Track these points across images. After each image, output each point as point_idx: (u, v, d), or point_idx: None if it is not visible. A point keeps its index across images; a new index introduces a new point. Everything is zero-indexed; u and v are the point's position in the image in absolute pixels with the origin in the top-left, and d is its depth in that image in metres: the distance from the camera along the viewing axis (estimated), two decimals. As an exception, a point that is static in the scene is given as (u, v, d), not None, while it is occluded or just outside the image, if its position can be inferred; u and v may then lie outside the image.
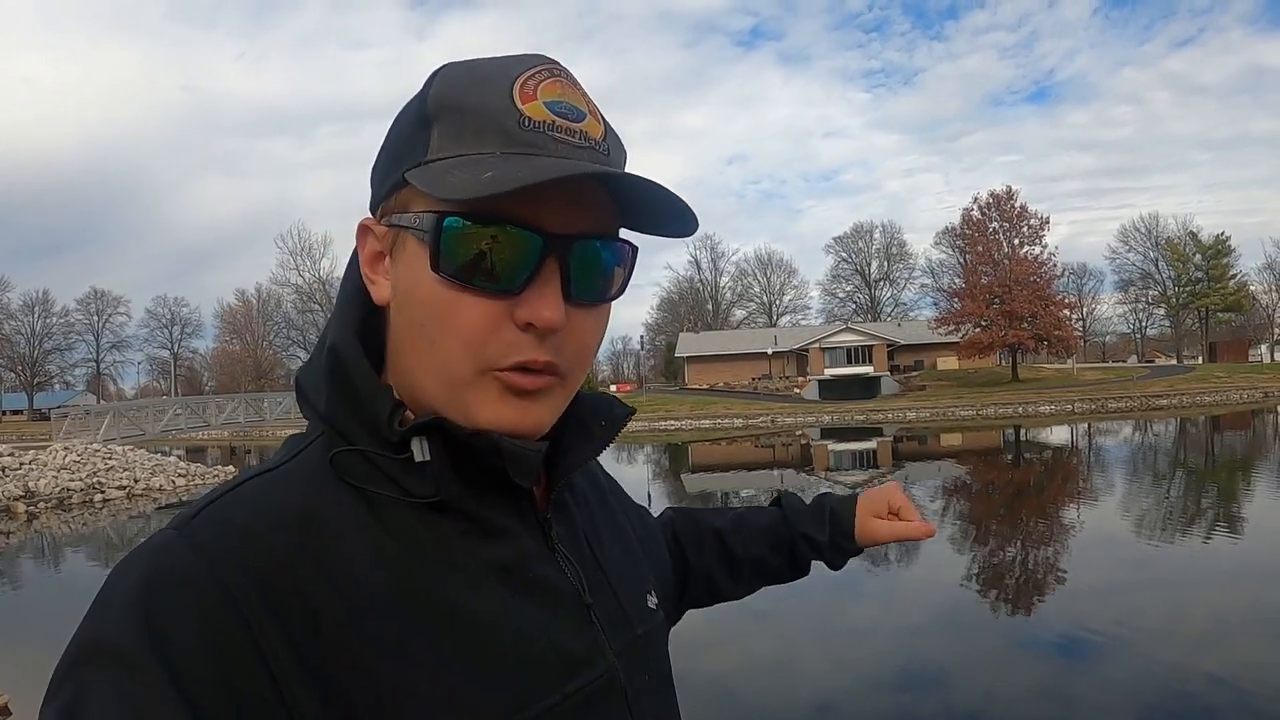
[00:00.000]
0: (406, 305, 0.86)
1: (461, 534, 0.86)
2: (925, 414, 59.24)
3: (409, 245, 0.85)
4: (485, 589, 0.85)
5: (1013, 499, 22.12)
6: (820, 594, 12.65)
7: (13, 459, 28.31)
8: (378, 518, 0.83)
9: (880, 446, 41.70)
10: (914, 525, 1.47)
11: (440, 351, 0.84)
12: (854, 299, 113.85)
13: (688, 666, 9.05)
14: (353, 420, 0.87)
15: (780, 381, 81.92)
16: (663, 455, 44.59)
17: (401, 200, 0.86)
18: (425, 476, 0.84)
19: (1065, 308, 76.12)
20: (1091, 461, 29.85)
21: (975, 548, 15.67)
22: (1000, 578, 13.10)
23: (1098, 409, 53.99)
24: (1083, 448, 35.57)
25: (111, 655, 0.70)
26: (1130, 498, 20.07)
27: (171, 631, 0.70)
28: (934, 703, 7.88)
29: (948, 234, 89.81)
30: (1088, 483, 23.99)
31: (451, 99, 0.85)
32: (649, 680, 1.00)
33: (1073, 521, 17.58)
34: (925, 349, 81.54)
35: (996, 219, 76.08)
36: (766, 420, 62.25)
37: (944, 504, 21.79)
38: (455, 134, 0.84)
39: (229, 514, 0.79)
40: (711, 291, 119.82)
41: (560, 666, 0.87)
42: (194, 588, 0.73)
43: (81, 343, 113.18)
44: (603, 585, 0.99)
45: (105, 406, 48.28)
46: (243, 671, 0.71)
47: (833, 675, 8.88)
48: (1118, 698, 7.61)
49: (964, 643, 9.62)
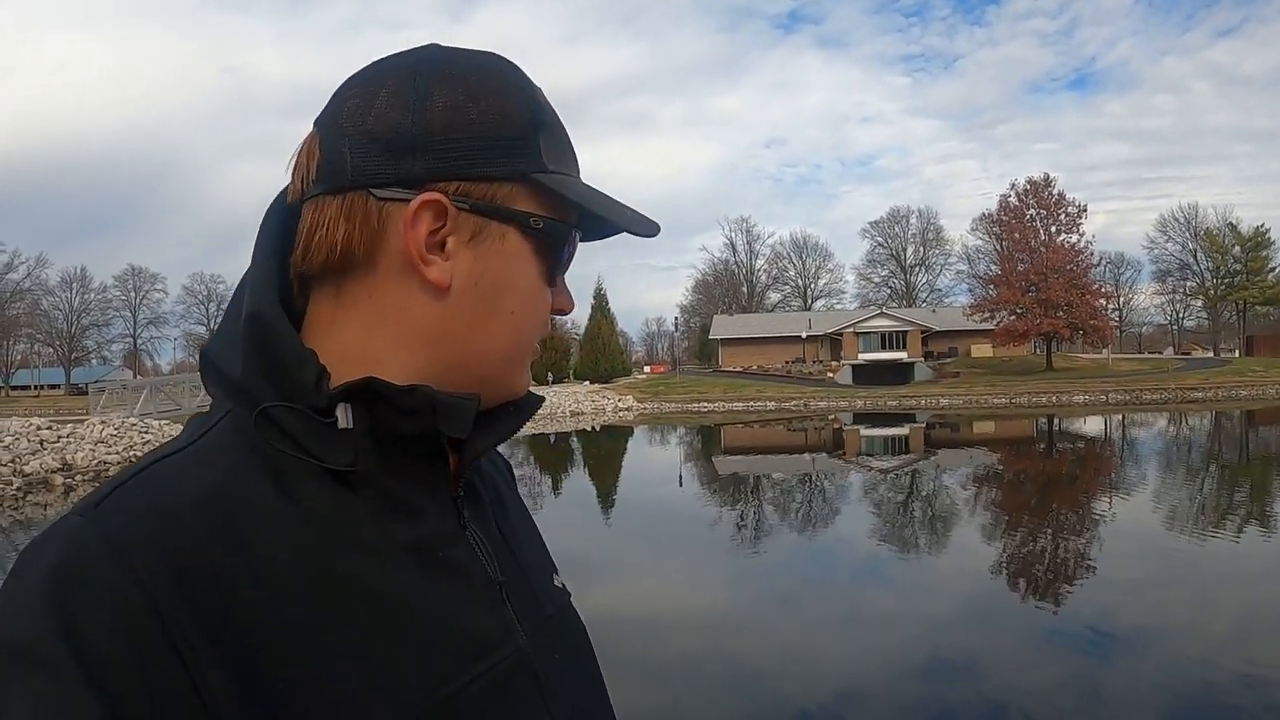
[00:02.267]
0: (494, 295, 0.89)
1: (375, 514, 0.85)
2: (958, 401, 59.00)
3: (509, 237, 0.89)
4: (398, 570, 0.85)
5: (1044, 489, 22.03)
6: (846, 580, 12.68)
7: (50, 432, 28.79)
8: (291, 498, 0.81)
9: (912, 433, 41.71)
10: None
11: (523, 334, 0.92)
12: (889, 284, 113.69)
13: (710, 648, 9.15)
14: (271, 389, 0.84)
15: (813, 365, 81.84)
16: (695, 437, 44.69)
17: (494, 191, 0.87)
18: (344, 445, 0.83)
19: (1101, 297, 75.31)
20: (1125, 453, 29.62)
21: (1005, 538, 15.67)
22: (1029, 568, 13.02)
23: (1132, 400, 53.55)
24: (1116, 439, 35.31)
25: (23, 653, 0.68)
26: (1163, 491, 19.89)
27: (83, 624, 0.69)
28: (960, 692, 7.87)
29: (984, 220, 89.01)
30: (1121, 475, 23.86)
31: (554, 116, 0.92)
32: (559, 659, 0.99)
33: (1104, 513, 17.51)
34: (960, 335, 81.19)
35: (1034, 206, 75.34)
36: (799, 404, 62.30)
37: (975, 492, 21.76)
38: (555, 149, 0.90)
39: (137, 498, 0.77)
40: (746, 274, 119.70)
41: (472, 647, 0.88)
42: (103, 577, 0.71)
43: (119, 319, 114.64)
44: (512, 566, 1.00)
45: (141, 381, 48.72)
46: (157, 661, 0.70)
47: (858, 661, 8.88)
48: (1145, 691, 7.60)
49: (991, 632, 9.64)
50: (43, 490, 23.30)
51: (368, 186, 0.85)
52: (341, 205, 0.85)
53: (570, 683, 1.00)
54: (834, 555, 14.77)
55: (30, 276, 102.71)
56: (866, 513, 19.29)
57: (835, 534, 16.83)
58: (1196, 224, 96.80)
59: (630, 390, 72.64)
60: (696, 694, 8.00)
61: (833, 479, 25.70)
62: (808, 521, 18.56)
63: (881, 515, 18.83)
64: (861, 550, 14.68)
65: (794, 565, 13.96)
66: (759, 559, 14.67)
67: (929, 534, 16.26)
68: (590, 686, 1.06)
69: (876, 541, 15.52)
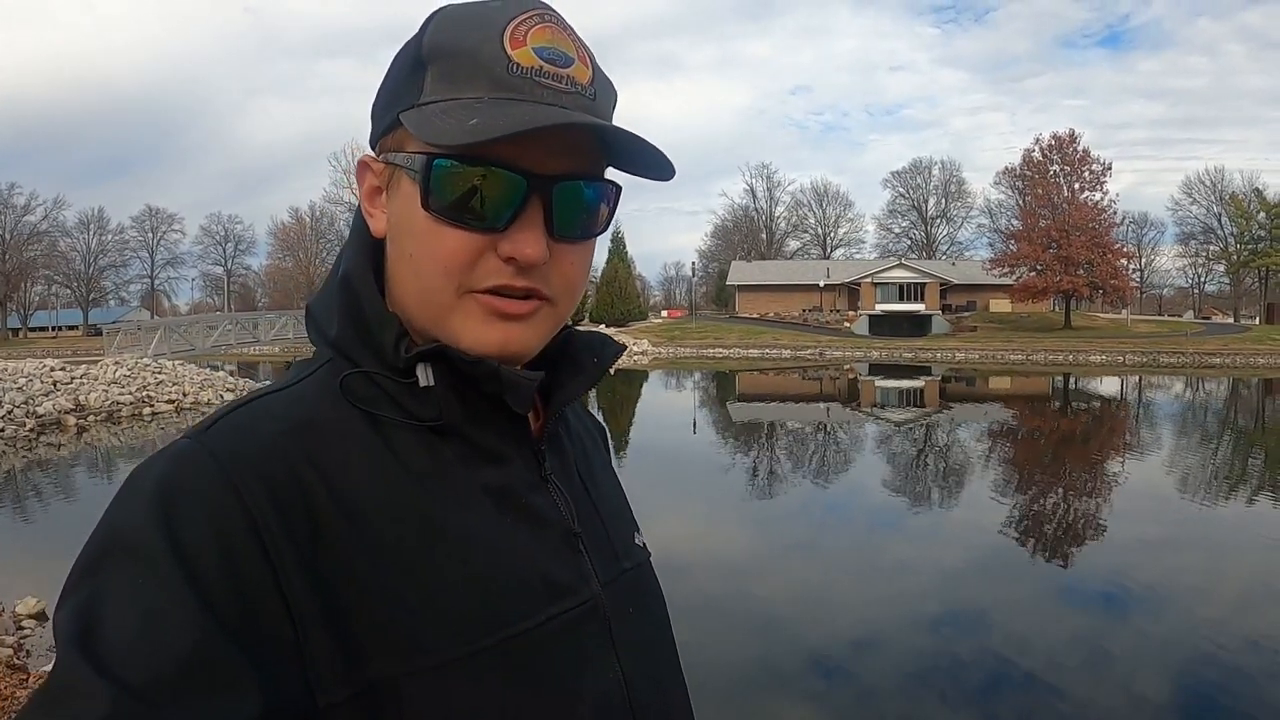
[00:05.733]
0: (399, 238, 0.93)
1: (459, 457, 0.92)
2: (975, 355, 58.80)
3: (403, 182, 0.91)
4: (478, 510, 0.91)
5: (1058, 447, 22.04)
6: (863, 530, 12.76)
7: (64, 373, 28.89)
8: (381, 436, 0.89)
9: (928, 386, 41.74)
10: None
11: (424, 279, 0.91)
12: (909, 235, 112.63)
13: (731, 590, 9.29)
14: (361, 346, 0.93)
15: (830, 314, 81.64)
16: (710, 383, 44.75)
17: (397, 139, 0.93)
18: (428, 401, 0.91)
19: (1123, 256, 74.57)
20: (1140, 415, 29.55)
21: (1018, 494, 15.76)
22: (1041, 526, 13.15)
23: (1149, 362, 53.14)
24: (1132, 401, 35.21)
25: (129, 552, 0.75)
26: (1177, 454, 19.89)
27: (185, 529, 0.76)
28: (970, 645, 7.97)
29: (1007, 174, 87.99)
30: (1135, 436, 23.84)
31: (445, 43, 0.90)
32: (633, 613, 1.03)
33: (1117, 474, 17.57)
34: (978, 290, 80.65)
35: (1057, 162, 74.55)
36: (815, 352, 62.24)
37: (989, 448, 21.79)
38: (448, 77, 0.89)
39: (241, 425, 0.85)
40: (766, 221, 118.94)
41: (546, 590, 0.92)
42: (207, 490, 0.78)
43: (136, 260, 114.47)
44: (592, 517, 1.04)
45: (156, 322, 48.81)
46: (250, 570, 0.76)
47: (872, 609, 9.00)
48: (1152, 651, 7.70)
49: (1001, 587, 9.73)
50: (55, 431, 23.43)
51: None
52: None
53: (641, 637, 1.04)
54: (847, 505, 14.87)
55: (48, 218, 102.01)
56: (880, 464, 19.44)
57: (848, 484, 16.94)
58: (1222, 188, 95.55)
59: (646, 334, 72.56)
60: (709, 635, 8.09)
61: (847, 429, 25.78)
62: (821, 471, 18.65)
63: (895, 467, 18.95)
64: (874, 500, 14.85)
65: (807, 513, 14.12)
66: (771, 506, 14.78)
67: (942, 487, 16.36)
68: (661, 644, 1.10)
69: (890, 493, 15.67)
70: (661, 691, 1.05)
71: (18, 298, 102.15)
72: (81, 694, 0.68)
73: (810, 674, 7.38)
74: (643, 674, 1.00)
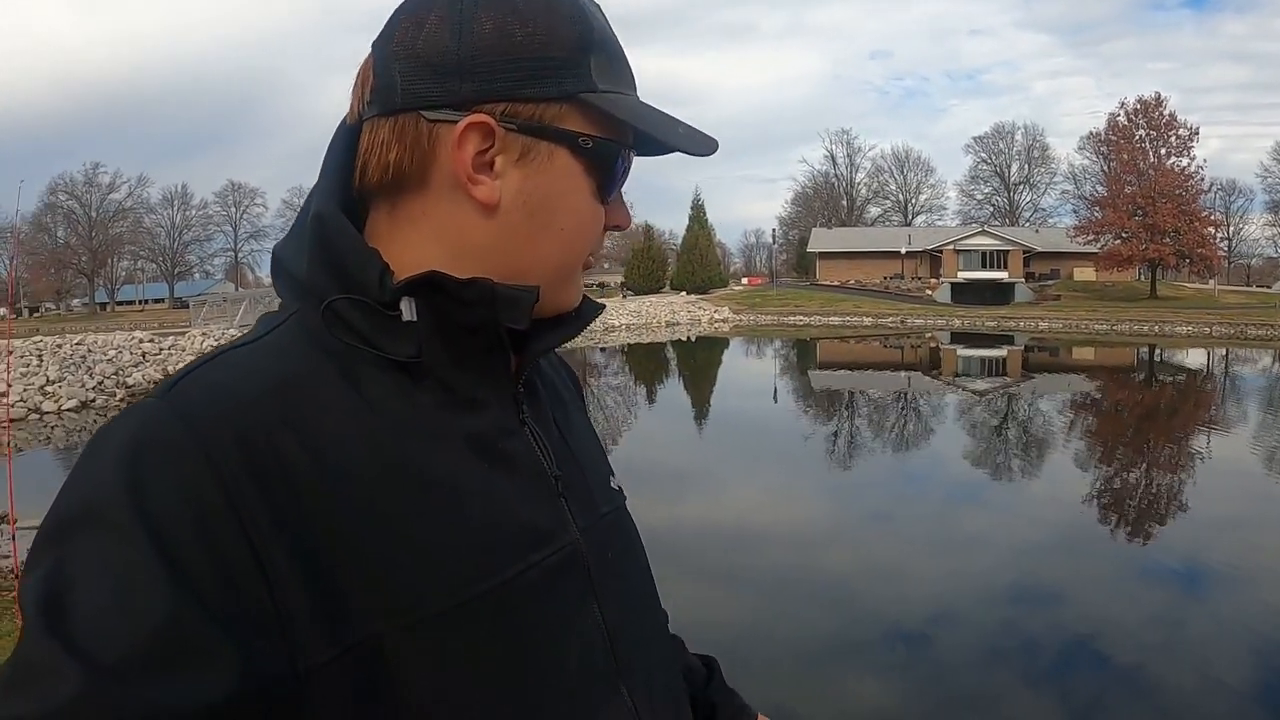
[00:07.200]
0: (542, 210, 0.93)
1: (437, 404, 0.90)
2: (1058, 325, 57.77)
3: (559, 157, 0.92)
4: (457, 458, 0.89)
5: (1141, 421, 21.69)
6: (939, 502, 12.81)
7: (153, 345, 29.35)
8: (356, 388, 0.86)
9: (1010, 355, 41.34)
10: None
11: (574, 253, 0.97)
12: (991, 201, 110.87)
13: (807, 563, 9.42)
14: (336, 285, 0.89)
15: (912, 282, 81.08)
16: (790, 350, 44.73)
17: (549, 112, 0.91)
18: (408, 337, 0.88)
19: (1210, 225, 72.83)
20: (1228, 389, 28.95)
21: (1099, 468, 15.57)
22: (1122, 502, 12.98)
23: (1237, 335, 51.59)
24: (1218, 374, 34.47)
25: (96, 519, 0.71)
26: (1264, 430, 19.39)
27: (155, 495, 0.72)
28: (1044, 619, 7.93)
29: (1092, 139, 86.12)
30: (1221, 411, 23.32)
31: (607, 35, 0.94)
32: (612, 558, 1.04)
33: (1201, 450, 17.29)
34: (1062, 258, 79.38)
35: (1143, 127, 72.50)
36: (896, 321, 61.93)
37: (1070, 420, 21.63)
38: (607, 68, 0.93)
39: (209, 382, 0.82)
40: (846, 187, 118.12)
41: (526, 537, 0.91)
42: (176, 452, 0.74)
43: (220, 234, 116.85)
44: (569, 463, 1.04)
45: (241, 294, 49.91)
46: (223, 532, 0.73)
47: (947, 582, 8.94)
48: (1233, 633, 7.56)
49: (1078, 562, 9.62)
50: (146, 401, 24.04)
51: (418, 109, 0.89)
52: (394, 127, 0.90)
53: (621, 581, 1.05)
54: (926, 476, 15.01)
55: (132, 196, 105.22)
56: (961, 434, 19.47)
57: (928, 454, 17.06)
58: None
59: (726, 301, 72.79)
60: (785, 606, 8.24)
61: (928, 398, 25.84)
62: (901, 441, 18.74)
63: (976, 438, 18.99)
64: (954, 472, 14.88)
65: (886, 484, 14.32)
66: (850, 476, 14.92)
67: (1023, 459, 16.33)
68: (641, 587, 1.12)
69: (970, 464, 15.68)
70: (642, 635, 1.07)
71: (105, 273, 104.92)
72: (50, 671, 0.65)
73: (887, 646, 7.42)
74: (623, 617, 1.01)
